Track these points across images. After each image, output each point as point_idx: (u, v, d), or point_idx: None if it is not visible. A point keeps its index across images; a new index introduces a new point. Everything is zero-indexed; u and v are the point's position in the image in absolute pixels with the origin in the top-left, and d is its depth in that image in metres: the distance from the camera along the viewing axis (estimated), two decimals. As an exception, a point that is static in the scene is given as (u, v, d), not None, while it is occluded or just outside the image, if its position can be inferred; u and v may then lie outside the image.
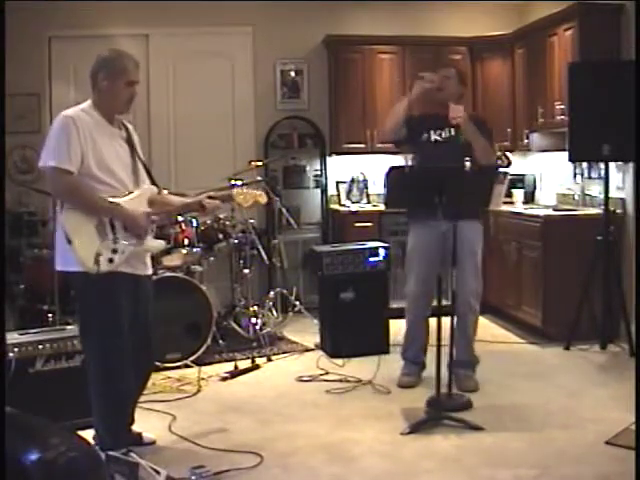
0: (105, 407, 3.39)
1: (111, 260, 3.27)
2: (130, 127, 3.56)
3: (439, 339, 3.96)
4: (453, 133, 4.47)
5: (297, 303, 6.32)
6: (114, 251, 3.29)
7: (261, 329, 5.70)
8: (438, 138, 4.50)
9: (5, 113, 5.03)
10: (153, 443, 3.67)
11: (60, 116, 3.29)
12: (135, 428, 3.67)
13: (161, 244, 3.66)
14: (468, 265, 4.37)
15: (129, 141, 3.48)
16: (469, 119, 4.43)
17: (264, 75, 6.97)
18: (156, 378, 4.65)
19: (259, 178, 6.17)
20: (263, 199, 3.91)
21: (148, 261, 3.57)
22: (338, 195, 7.06)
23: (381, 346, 5.29)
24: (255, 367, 5.06)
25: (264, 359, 5.26)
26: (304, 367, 5.09)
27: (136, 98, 3.47)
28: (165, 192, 3.76)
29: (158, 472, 3.02)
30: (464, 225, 4.25)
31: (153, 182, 3.56)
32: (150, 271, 3.61)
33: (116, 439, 3.31)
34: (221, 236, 5.66)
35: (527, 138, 6.37)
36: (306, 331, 5.92)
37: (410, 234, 4.60)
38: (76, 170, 3.22)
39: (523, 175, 6.75)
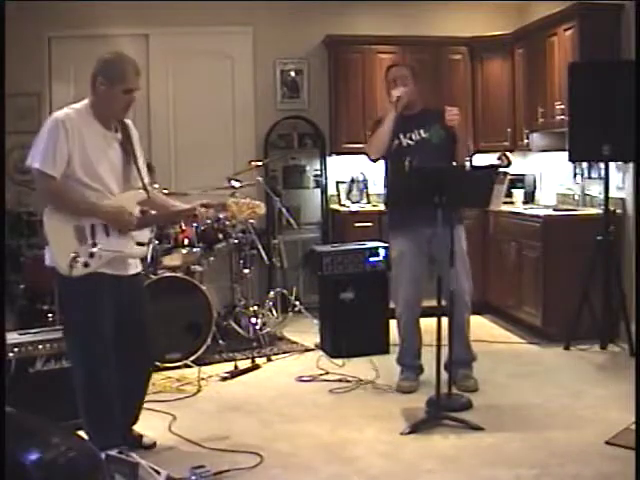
0: (87, 407, 3.39)
1: (86, 264, 3.28)
2: (129, 124, 3.52)
3: (439, 339, 3.96)
4: (424, 135, 4.43)
5: (297, 303, 6.32)
6: (91, 255, 3.29)
7: (261, 329, 5.70)
8: (410, 142, 4.44)
9: (5, 113, 5.03)
10: (153, 446, 3.63)
11: (51, 117, 3.31)
12: (136, 429, 3.66)
13: (143, 251, 3.56)
14: (460, 264, 4.38)
15: (124, 143, 3.45)
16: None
17: (264, 75, 6.97)
18: (156, 378, 4.65)
19: (259, 178, 6.17)
20: (261, 210, 3.78)
21: (132, 261, 3.51)
22: (338, 195, 7.06)
23: (381, 346, 5.30)
24: (255, 367, 5.06)
25: (264, 359, 5.26)
26: (304, 367, 5.09)
27: (136, 97, 3.43)
28: (160, 194, 3.72)
29: (158, 472, 3.02)
30: (453, 228, 4.27)
31: (144, 186, 3.52)
32: (136, 270, 3.55)
33: (103, 439, 3.25)
34: (221, 236, 5.67)
35: (527, 138, 6.36)
36: (306, 331, 5.92)
37: (393, 242, 4.59)
38: (59, 174, 3.24)
39: (523, 175, 6.75)
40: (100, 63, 3.37)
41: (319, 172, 7.10)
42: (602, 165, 5.44)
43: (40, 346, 3.80)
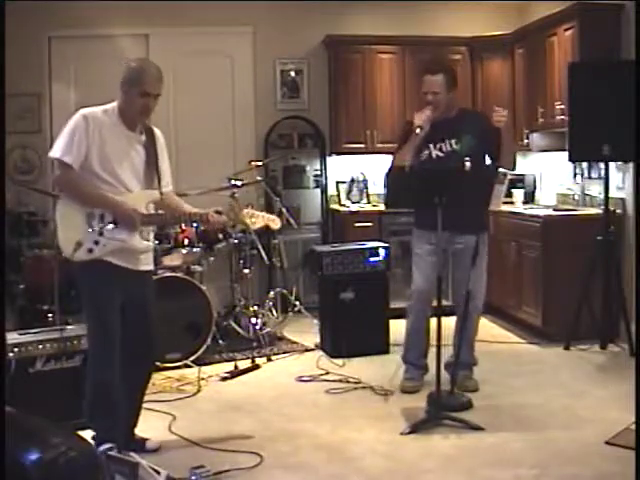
0: (89, 395, 3.43)
1: (90, 250, 3.38)
2: (157, 133, 3.63)
3: (439, 339, 3.96)
4: (455, 146, 4.36)
5: (297, 303, 6.32)
6: (96, 242, 3.38)
7: (261, 329, 5.70)
8: (439, 154, 4.37)
9: (5, 113, 5.03)
10: (157, 450, 3.62)
11: (77, 114, 3.43)
12: (137, 431, 3.65)
13: (149, 246, 3.59)
14: (479, 270, 4.37)
15: (148, 147, 3.54)
16: (466, 113, 4.45)
17: (264, 75, 6.97)
18: (156, 378, 4.65)
19: (259, 178, 6.17)
20: (275, 225, 3.80)
21: (144, 257, 3.55)
22: (338, 195, 7.06)
23: (381, 346, 5.30)
24: (255, 367, 5.06)
25: (264, 359, 5.26)
26: (304, 367, 5.09)
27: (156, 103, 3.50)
28: (176, 197, 3.75)
29: (158, 472, 3.02)
30: (477, 236, 4.29)
31: (160, 189, 3.59)
32: (147, 267, 3.59)
33: (104, 432, 3.31)
34: (221, 236, 5.66)
35: (527, 138, 6.36)
36: (306, 331, 5.92)
37: (415, 241, 4.56)
38: (77, 165, 3.35)
39: (523, 175, 6.75)
40: (125, 68, 3.48)
41: (319, 172, 7.10)
42: (602, 165, 5.44)
43: (40, 346, 3.80)
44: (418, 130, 4.27)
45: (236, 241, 5.82)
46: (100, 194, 3.39)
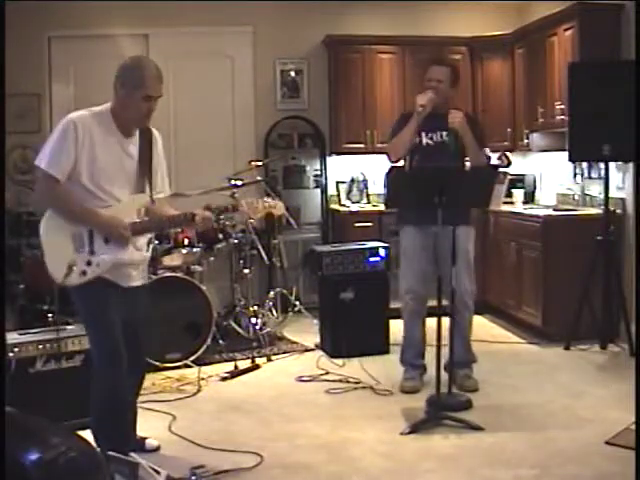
0: (94, 402, 3.37)
1: (84, 273, 3.22)
2: (155, 134, 3.47)
3: (439, 339, 3.96)
4: (445, 138, 4.43)
5: (297, 303, 6.33)
6: (88, 263, 3.22)
7: (261, 329, 5.70)
8: (430, 142, 4.44)
9: (5, 113, 5.03)
10: (157, 449, 3.61)
11: (65, 118, 3.23)
12: (137, 432, 3.62)
13: (143, 256, 3.45)
14: (462, 264, 4.37)
15: (143, 148, 3.37)
16: (464, 118, 4.46)
17: (264, 75, 6.97)
18: (156, 378, 4.67)
19: (259, 178, 6.17)
20: (279, 211, 3.62)
21: (136, 273, 3.41)
22: (338, 195, 7.06)
23: (381, 346, 5.30)
24: (255, 367, 5.06)
25: (264, 359, 5.26)
26: (304, 367, 5.09)
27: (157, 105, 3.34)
28: (166, 204, 3.59)
29: (158, 472, 3.01)
30: (457, 228, 4.28)
31: (151, 196, 3.44)
32: (139, 282, 3.45)
33: (110, 439, 3.27)
34: (221, 236, 5.67)
35: (527, 138, 6.37)
36: (306, 331, 5.92)
37: (402, 236, 4.59)
38: (63, 177, 3.18)
39: (523, 175, 6.75)
40: (120, 68, 3.28)
41: (319, 172, 7.10)
42: (602, 165, 5.44)
43: (40, 346, 3.80)
44: (420, 109, 4.32)
45: (236, 241, 5.83)
46: (87, 211, 3.20)
